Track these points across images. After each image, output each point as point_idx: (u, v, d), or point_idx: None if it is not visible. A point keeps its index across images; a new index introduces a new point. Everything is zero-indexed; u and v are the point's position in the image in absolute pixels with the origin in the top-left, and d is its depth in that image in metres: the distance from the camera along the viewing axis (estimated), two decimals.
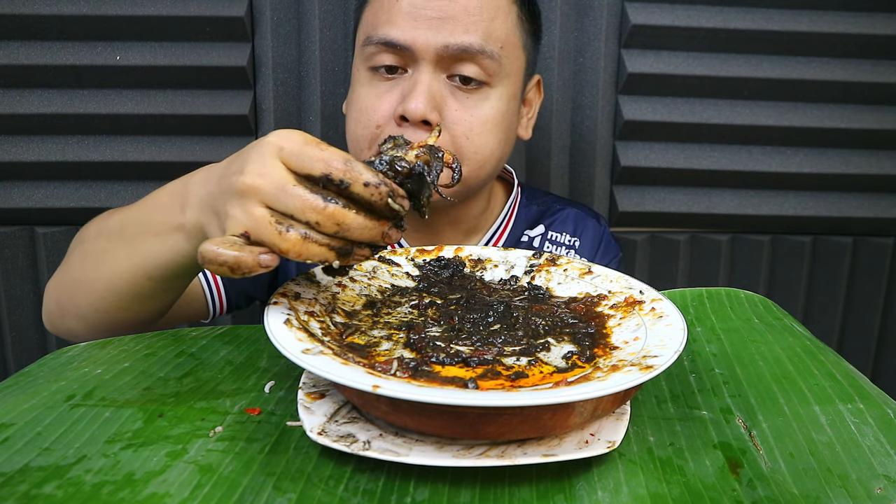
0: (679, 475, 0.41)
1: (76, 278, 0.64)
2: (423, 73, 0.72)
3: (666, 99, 1.11)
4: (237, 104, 1.05)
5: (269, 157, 0.45)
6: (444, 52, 0.71)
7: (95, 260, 0.62)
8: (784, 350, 0.56)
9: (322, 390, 0.46)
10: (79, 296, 0.63)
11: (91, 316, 0.63)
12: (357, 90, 0.77)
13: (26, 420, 0.44)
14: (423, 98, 0.70)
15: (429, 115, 0.71)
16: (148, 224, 0.57)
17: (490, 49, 0.73)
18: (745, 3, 1.07)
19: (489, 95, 0.75)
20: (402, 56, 0.73)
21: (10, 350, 1.12)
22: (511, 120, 0.79)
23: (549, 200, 0.94)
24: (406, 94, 0.72)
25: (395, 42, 0.71)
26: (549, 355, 0.47)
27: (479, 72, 0.73)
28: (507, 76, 0.76)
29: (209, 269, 0.42)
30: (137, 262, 0.58)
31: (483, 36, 0.72)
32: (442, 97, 0.73)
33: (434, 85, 0.72)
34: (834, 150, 1.14)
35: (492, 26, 0.73)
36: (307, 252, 0.44)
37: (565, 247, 0.90)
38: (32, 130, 1.04)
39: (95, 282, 0.61)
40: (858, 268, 1.21)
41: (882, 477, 0.41)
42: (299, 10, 1.06)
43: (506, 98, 0.76)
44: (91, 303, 0.62)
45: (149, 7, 1.00)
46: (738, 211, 1.15)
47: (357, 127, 0.76)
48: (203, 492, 0.38)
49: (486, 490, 0.39)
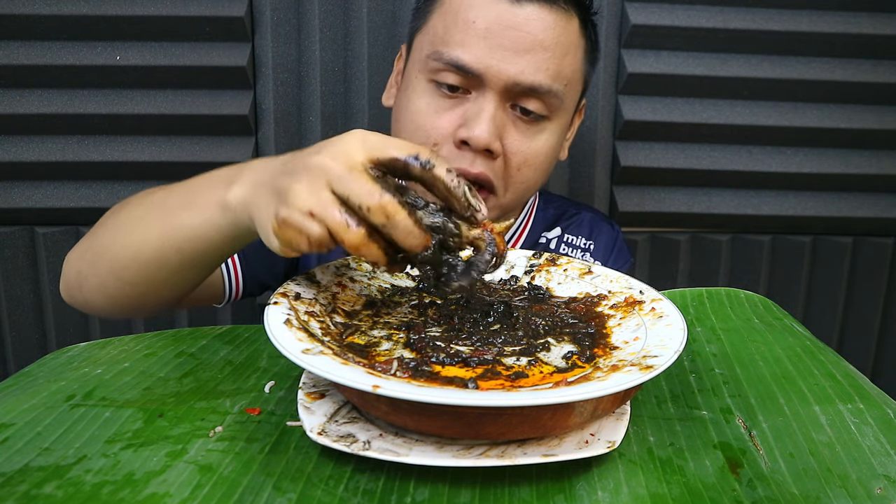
0: (679, 475, 0.41)
1: (104, 245, 0.63)
2: (488, 101, 0.72)
3: (666, 99, 1.11)
4: (237, 104, 1.05)
5: (352, 142, 0.46)
6: (513, 87, 0.71)
7: (128, 228, 0.61)
8: (784, 350, 0.56)
9: (322, 390, 0.46)
10: (103, 264, 0.62)
11: (112, 287, 0.62)
12: (414, 100, 0.76)
13: (26, 420, 0.44)
14: (488, 127, 0.70)
15: (492, 145, 0.71)
16: (189, 198, 0.57)
17: (557, 88, 0.73)
18: (745, 3, 1.07)
19: (546, 128, 0.76)
20: (469, 80, 0.72)
21: (10, 350, 1.12)
22: (558, 150, 0.80)
23: (564, 204, 0.95)
24: (470, 119, 0.72)
25: (467, 68, 0.71)
26: (549, 355, 0.47)
27: (542, 108, 0.74)
28: (565, 110, 0.77)
29: (285, 233, 0.44)
30: (170, 233, 0.57)
31: (553, 76, 0.72)
32: (504, 126, 0.73)
33: (499, 114, 0.72)
34: (834, 150, 1.14)
35: (562, 64, 0.73)
36: (366, 249, 0.45)
37: (580, 249, 0.91)
38: (32, 130, 1.04)
39: (124, 249, 0.60)
40: (858, 268, 1.21)
41: (882, 477, 0.41)
42: (299, 10, 1.06)
43: (559, 131, 0.78)
44: (115, 271, 0.61)
45: (149, 7, 1.00)
46: (738, 211, 1.15)
47: (411, 136, 0.75)
48: (203, 492, 0.38)
49: (486, 490, 0.39)
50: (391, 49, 1.08)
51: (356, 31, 1.06)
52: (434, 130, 0.73)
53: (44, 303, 1.12)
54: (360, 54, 1.07)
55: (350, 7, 1.06)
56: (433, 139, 0.73)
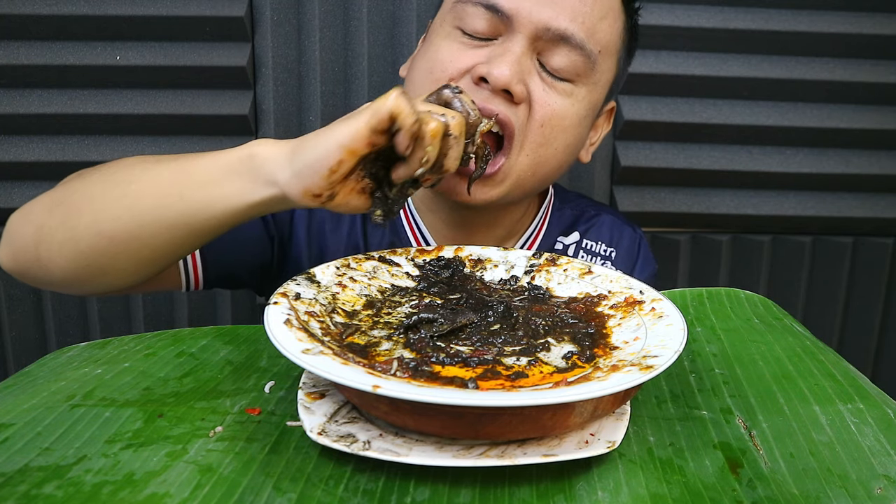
0: (679, 475, 0.41)
1: (90, 195, 0.58)
2: (515, 44, 0.67)
3: (666, 99, 1.11)
4: (237, 104, 1.05)
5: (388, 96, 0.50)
6: (544, 34, 0.67)
7: (127, 178, 0.58)
8: (784, 350, 0.56)
9: (322, 390, 0.46)
10: (84, 215, 0.57)
11: (85, 242, 0.57)
12: (435, 41, 0.71)
13: (26, 420, 0.44)
14: (511, 66, 0.66)
15: (513, 86, 0.66)
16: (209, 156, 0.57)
17: (589, 47, 0.68)
18: (745, 3, 1.07)
19: (573, 92, 0.70)
20: (499, 24, 0.68)
21: (10, 350, 1.12)
22: (583, 132, 0.75)
23: (582, 204, 0.89)
24: (493, 58, 0.67)
25: (497, 6, 0.67)
26: (549, 355, 0.47)
27: (570, 66, 0.69)
28: (594, 84, 0.72)
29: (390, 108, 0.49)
30: (181, 180, 0.56)
31: (587, 30, 0.68)
32: (530, 73, 0.68)
33: (525, 59, 0.67)
34: (834, 150, 1.14)
35: (599, 25, 0.69)
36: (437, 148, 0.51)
37: (601, 257, 0.85)
38: (32, 130, 1.04)
39: (119, 200, 0.57)
40: (858, 268, 1.21)
41: (882, 477, 0.41)
42: (299, 10, 1.06)
43: (586, 104, 0.72)
44: (96, 224, 0.56)
45: (149, 7, 1.00)
46: (738, 211, 1.15)
47: (426, 78, 0.70)
48: (203, 492, 0.38)
49: (486, 490, 0.39)
50: (391, 49, 1.08)
51: (356, 31, 1.06)
52: (452, 65, 0.69)
53: (44, 303, 1.12)
54: (360, 54, 1.07)
55: (350, 7, 1.06)
56: (449, 74, 0.69)
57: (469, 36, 0.69)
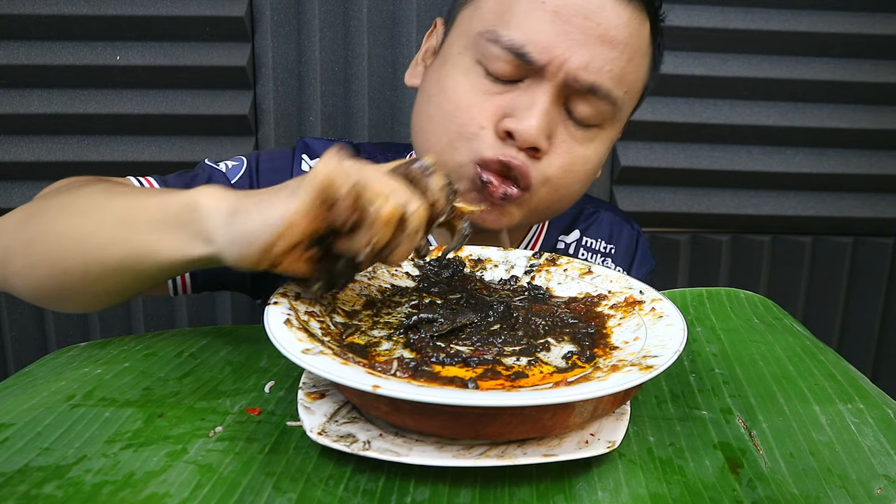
0: (679, 475, 0.41)
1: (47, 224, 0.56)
2: (543, 93, 0.64)
3: (666, 99, 1.11)
4: (237, 104, 1.05)
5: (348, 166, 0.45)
6: (573, 84, 0.64)
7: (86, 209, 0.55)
8: (784, 350, 0.56)
9: (322, 390, 0.46)
10: (40, 245, 0.55)
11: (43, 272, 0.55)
12: (454, 76, 0.67)
13: (26, 420, 0.44)
14: (539, 122, 0.63)
15: (541, 143, 0.64)
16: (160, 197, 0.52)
17: (615, 95, 0.66)
18: (745, 3, 1.07)
19: (597, 137, 0.69)
20: (526, 69, 0.64)
21: (10, 350, 1.12)
22: (602, 163, 0.74)
23: (581, 202, 0.86)
24: (519, 110, 0.64)
25: (528, 57, 0.63)
26: (549, 355, 0.47)
27: (597, 115, 0.67)
28: (619, 121, 0.71)
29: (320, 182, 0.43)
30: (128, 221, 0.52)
31: (616, 79, 0.65)
32: (556, 124, 0.66)
33: (552, 110, 0.65)
34: (834, 150, 1.14)
35: (627, 68, 0.66)
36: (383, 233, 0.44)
37: (601, 254, 0.85)
38: (32, 130, 1.04)
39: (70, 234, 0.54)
40: (858, 268, 1.21)
41: (882, 477, 0.41)
42: (299, 10, 1.06)
43: (608, 142, 0.71)
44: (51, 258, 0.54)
45: (149, 7, 1.00)
46: (738, 211, 1.15)
47: (452, 123, 0.67)
48: (203, 492, 0.38)
49: (486, 490, 0.39)
50: (391, 49, 1.08)
51: (356, 31, 1.06)
52: (478, 114, 0.65)
53: None
54: (360, 54, 1.07)
55: (350, 7, 1.06)
56: (479, 122, 0.65)
57: (492, 77, 0.66)
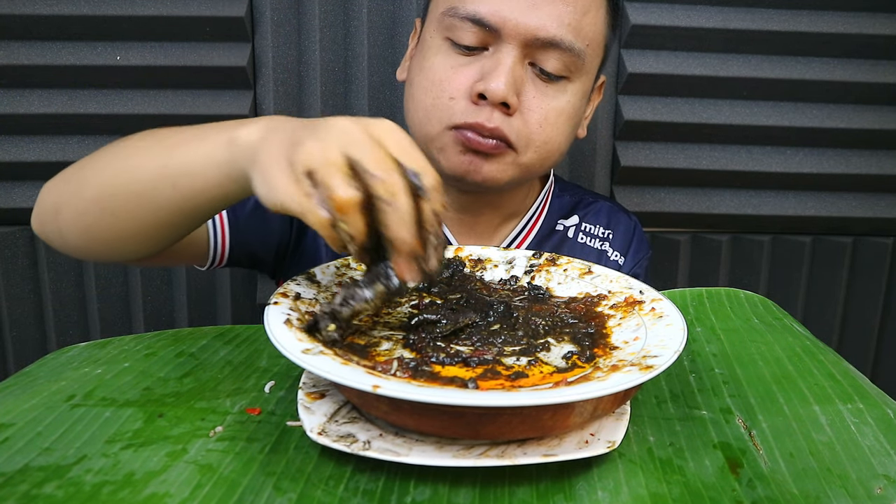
0: (679, 475, 0.41)
1: (95, 170, 0.59)
2: (506, 55, 0.70)
3: (666, 99, 1.11)
4: (237, 104, 1.05)
5: (387, 124, 0.46)
6: (533, 42, 0.70)
7: (125, 156, 0.58)
8: (784, 350, 0.56)
9: (322, 390, 0.46)
10: (89, 189, 0.58)
11: (92, 216, 0.58)
12: (430, 58, 0.74)
13: (26, 420, 0.44)
14: (506, 79, 0.69)
15: (509, 98, 0.69)
16: (198, 133, 0.55)
17: (577, 47, 0.71)
18: (745, 3, 1.07)
19: (567, 89, 0.74)
20: (487, 35, 0.70)
21: (10, 350, 1.12)
22: (580, 115, 0.79)
23: (580, 193, 0.93)
24: (487, 73, 0.70)
25: (484, 21, 0.69)
26: (549, 355, 0.47)
27: (561, 67, 0.72)
28: (586, 73, 0.75)
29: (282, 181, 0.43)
30: (169, 164, 0.54)
31: (573, 31, 0.71)
32: (522, 82, 0.71)
33: (517, 69, 0.70)
34: (834, 150, 1.14)
35: (583, 21, 0.71)
36: (352, 215, 0.42)
37: (599, 239, 0.89)
38: (32, 130, 1.04)
39: (116, 177, 0.57)
40: (858, 268, 1.21)
41: (882, 477, 0.41)
42: (299, 10, 1.06)
43: (580, 94, 0.76)
44: (100, 199, 0.57)
45: (149, 7, 1.00)
46: (738, 211, 1.15)
47: (427, 97, 0.73)
48: (203, 492, 0.38)
49: (486, 490, 0.39)
50: (391, 49, 1.08)
51: (356, 31, 1.06)
52: (450, 85, 0.72)
53: (44, 303, 1.12)
54: (360, 54, 1.07)
55: (350, 7, 1.06)
56: (449, 94, 0.71)
57: (460, 48, 0.72)
